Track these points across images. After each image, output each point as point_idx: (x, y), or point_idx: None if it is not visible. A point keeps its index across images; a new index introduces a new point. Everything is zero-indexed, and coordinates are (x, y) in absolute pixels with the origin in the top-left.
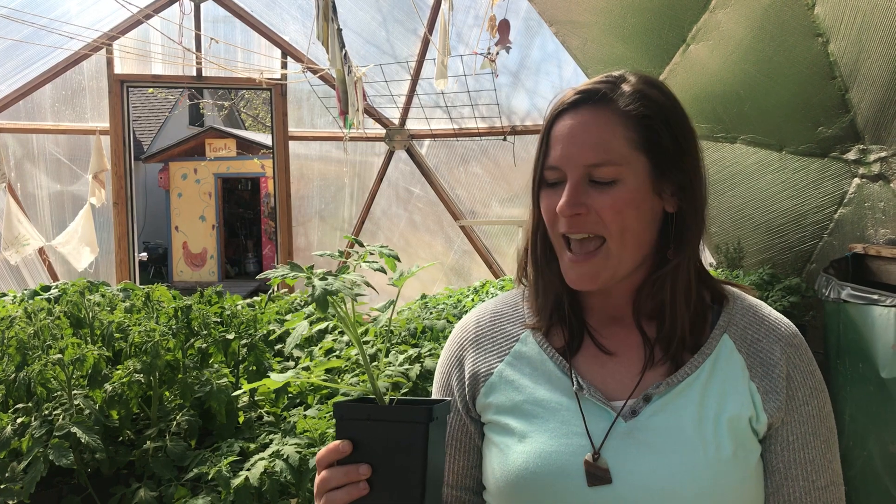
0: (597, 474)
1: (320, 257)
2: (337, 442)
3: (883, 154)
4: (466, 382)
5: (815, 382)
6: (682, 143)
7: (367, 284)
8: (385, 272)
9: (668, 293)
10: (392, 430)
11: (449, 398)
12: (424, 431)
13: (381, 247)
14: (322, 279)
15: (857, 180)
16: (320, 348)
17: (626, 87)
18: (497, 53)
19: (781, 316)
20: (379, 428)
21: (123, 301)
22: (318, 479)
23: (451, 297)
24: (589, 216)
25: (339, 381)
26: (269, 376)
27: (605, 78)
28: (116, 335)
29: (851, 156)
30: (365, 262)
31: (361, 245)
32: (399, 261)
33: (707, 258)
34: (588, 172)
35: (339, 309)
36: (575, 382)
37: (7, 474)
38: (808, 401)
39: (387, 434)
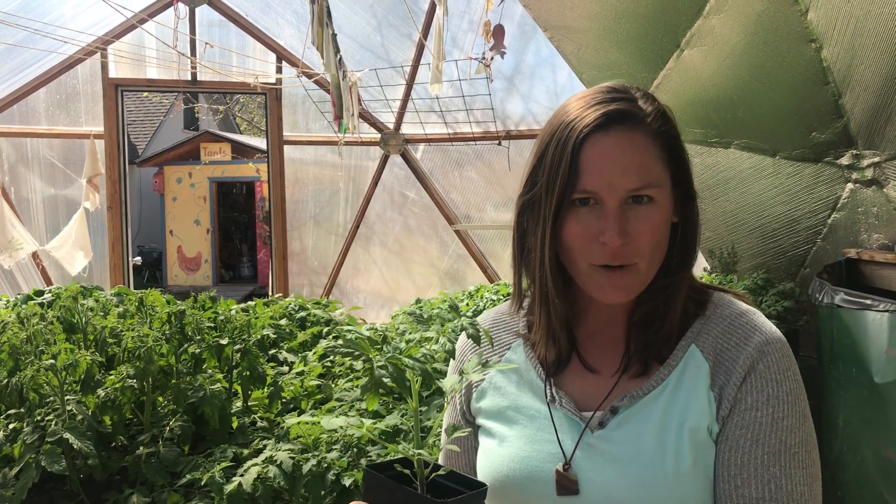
0: (565, 484)
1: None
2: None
3: (876, 159)
4: (463, 388)
5: (779, 392)
6: (687, 156)
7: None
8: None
9: (664, 303)
10: None
11: (485, 486)
12: None
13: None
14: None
15: (850, 185)
16: (314, 353)
17: (644, 105)
18: (492, 58)
19: (763, 323)
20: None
21: (117, 306)
22: None
23: (445, 301)
24: (630, 245)
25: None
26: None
27: (618, 94)
28: (109, 340)
29: (845, 161)
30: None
31: (458, 314)
32: (479, 343)
33: (701, 263)
34: (629, 197)
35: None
36: (549, 393)
37: None
38: (757, 407)
39: None
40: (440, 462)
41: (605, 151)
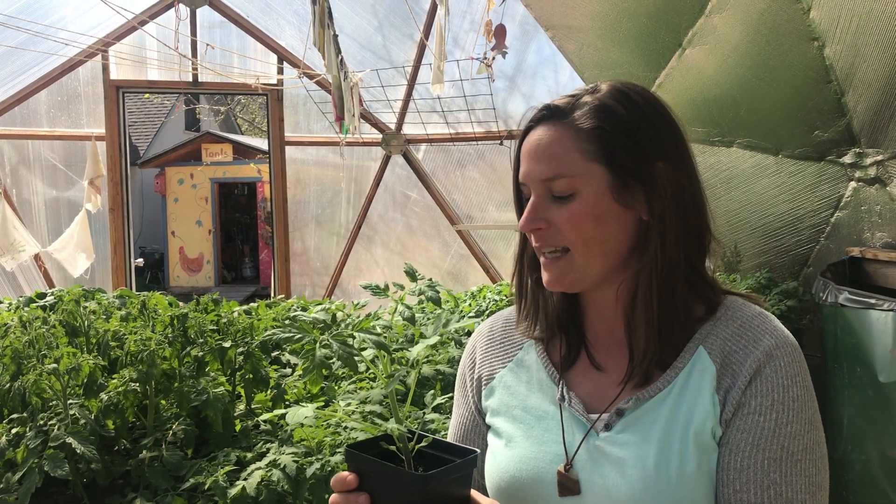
0: (567, 485)
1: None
2: (346, 473)
3: (879, 158)
4: (475, 383)
5: (785, 398)
6: (650, 151)
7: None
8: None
9: (651, 308)
10: (393, 485)
11: (475, 453)
12: (420, 497)
13: (430, 282)
14: None
15: (853, 184)
16: None
17: (587, 100)
18: (493, 58)
19: (775, 327)
20: (382, 479)
21: (119, 309)
22: (330, 499)
23: (447, 301)
24: (550, 230)
25: (376, 425)
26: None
27: (577, 91)
28: (112, 344)
29: (848, 159)
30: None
31: (414, 279)
32: (439, 306)
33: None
34: (548, 187)
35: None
36: (559, 392)
37: (2, 485)
38: (762, 412)
39: (388, 484)
40: None
41: (532, 144)
